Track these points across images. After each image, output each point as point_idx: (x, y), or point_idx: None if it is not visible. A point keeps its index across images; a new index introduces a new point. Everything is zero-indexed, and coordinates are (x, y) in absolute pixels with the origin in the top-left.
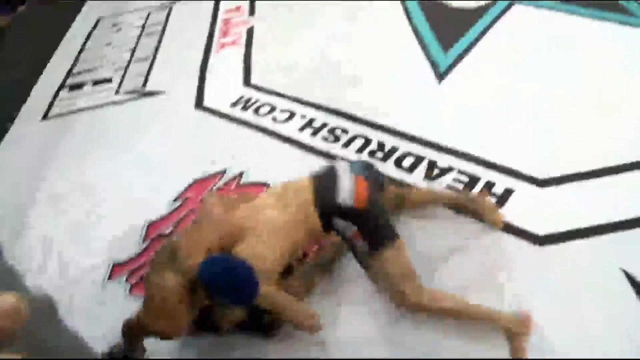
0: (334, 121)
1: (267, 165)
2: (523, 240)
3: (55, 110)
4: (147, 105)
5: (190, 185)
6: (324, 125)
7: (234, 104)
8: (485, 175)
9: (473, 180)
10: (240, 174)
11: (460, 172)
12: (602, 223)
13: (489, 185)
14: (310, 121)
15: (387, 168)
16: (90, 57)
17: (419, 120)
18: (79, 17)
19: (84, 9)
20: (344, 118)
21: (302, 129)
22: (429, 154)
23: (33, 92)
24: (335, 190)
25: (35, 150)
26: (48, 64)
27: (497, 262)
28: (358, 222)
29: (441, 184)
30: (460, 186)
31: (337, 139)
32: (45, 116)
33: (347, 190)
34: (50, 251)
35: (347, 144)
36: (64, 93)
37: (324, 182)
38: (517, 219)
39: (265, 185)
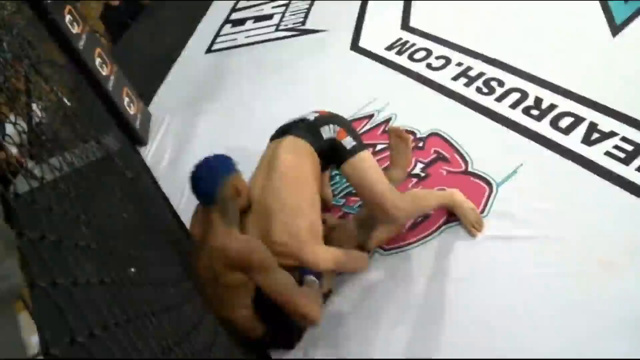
0: (491, 71)
1: (415, 112)
2: None
3: (218, 44)
4: (304, 43)
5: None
6: (480, 75)
7: (389, 47)
8: None
9: (638, 149)
10: (388, 120)
11: (624, 139)
12: None
13: None
14: (466, 70)
15: (541, 127)
16: None
17: (585, 78)
18: None
19: None
20: (502, 69)
21: (456, 78)
22: (591, 115)
23: (200, 27)
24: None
25: (200, 79)
26: (213, 2)
27: None
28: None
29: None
30: (621, 155)
31: (491, 91)
32: (209, 49)
33: (330, 133)
34: None
35: (500, 98)
36: (226, 28)
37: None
38: None
39: (410, 132)
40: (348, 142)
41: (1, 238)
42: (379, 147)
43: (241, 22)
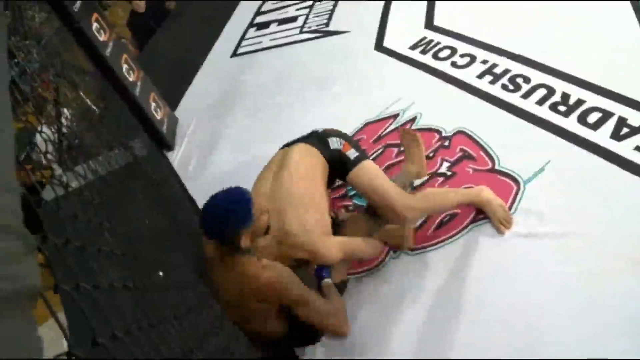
0: (517, 68)
1: (440, 111)
2: None
3: (243, 48)
4: (328, 44)
5: (362, 127)
6: (506, 72)
7: (414, 47)
8: None
9: None
10: (413, 119)
11: None
12: None
13: None
14: (492, 67)
15: (569, 123)
16: None
17: (613, 72)
18: None
19: None
20: (528, 65)
21: (481, 75)
22: (620, 109)
23: (225, 30)
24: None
25: (225, 83)
26: (238, 4)
27: None
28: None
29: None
30: None
31: (517, 87)
32: (234, 53)
33: (336, 144)
34: None
35: (527, 95)
36: (251, 32)
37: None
38: None
39: (436, 131)
40: (351, 153)
41: (19, 240)
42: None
43: (266, 25)
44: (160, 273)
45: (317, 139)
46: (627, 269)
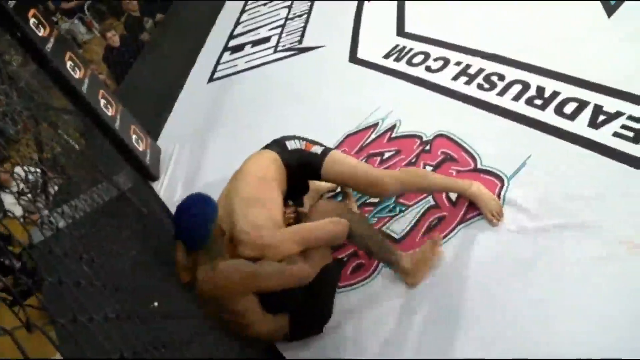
0: (490, 67)
1: (419, 116)
2: None
3: (219, 72)
4: (303, 61)
5: (343, 140)
6: (480, 71)
7: (387, 55)
8: None
9: None
10: (393, 127)
11: (631, 118)
12: None
13: None
14: (466, 68)
15: (546, 116)
16: (248, 18)
17: (585, 61)
18: None
19: None
20: (501, 62)
21: (456, 77)
22: (595, 97)
23: (200, 57)
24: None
25: (205, 108)
26: (211, 30)
27: None
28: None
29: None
30: (630, 134)
31: (493, 86)
32: (210, 79)
33: (296, 144)
34: None
35: (502, 92)
36: (226, 56)
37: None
38: None
39: (416, 137)
40: (316, 149)
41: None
42: (386, 155)
43: (240, 47)
44: (155, 303)
45: (275, 144)
46: (626, 254)
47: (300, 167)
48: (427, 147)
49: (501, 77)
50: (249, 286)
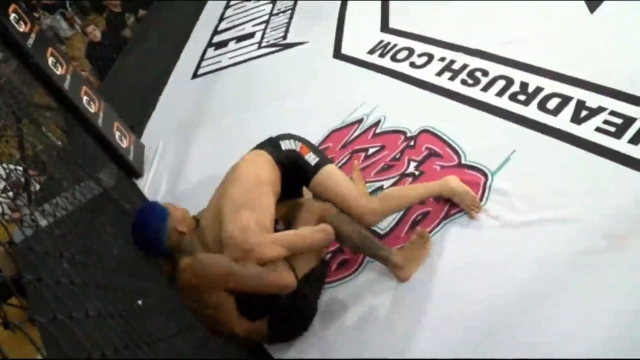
0: (474, 62)
1: (404, 112)
2: None
3: (203, 69)
4: (288, 57)
5: (328, 136)
6: (464, 67)
7: (372, 51)
8: None
9: (627, 122)
10: (377, 122)
11: (613, 113)
12: None
13: None
14: (450, 64)
15: (530, 112)
16: (232, 14)
17: (568, 57)
18: None
19: None
20: (485, 58)
21: (440, 73)
22: (578, 93)
23: (183, 53)
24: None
25: (189, 105)
26: (195, 26)
27: None
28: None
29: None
30: (612, 129)
31: (476, 81)
32: (195, 75)
33: (291, 145)
34: None
35: (486, 87)
36: (210, 52)
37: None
38: None
39: (401, 132)
40: (311, 158)
41: None
42: (370, 150)
43: (224, 44)
44: (139, 302)
45: (269, 143)
46: (609, 246)
47: (292, 172)
48: (412, 143)
49: (485, 73)
50: (225, 281)
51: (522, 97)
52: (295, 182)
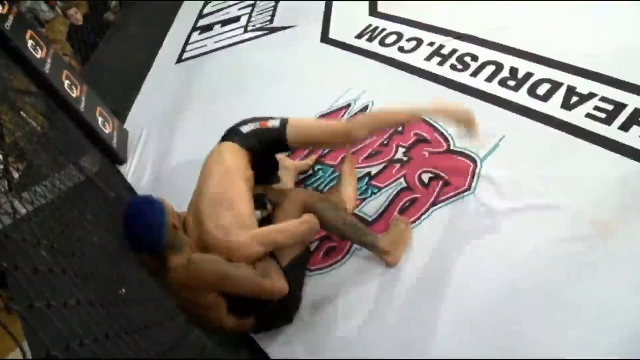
0: (464, 47)
1: (392, 97)
2: None
3: (188, 53)
4: (274, 41)
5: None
6: (453, 52)
7: (360, 35)
8: (634, 102)
9: (618, 107)
10: (365, 107)
11: (604, 99)
12: None
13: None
14: (439, 48)
15: (519, 97)
16: None
17: (557, 42)
18: None
19: None
20: (474, 43)
21: (429, 58)
22: (568, 79)
23: (167, 37)
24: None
25: (173, 90)
26: (179, 10)
27: None
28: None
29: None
30: (602, 115)
31: (466, 66)
32: (179, 59)
33: (251, 127)
34: None
35: (475, 73)
36: (195, 36)
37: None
38: None
39: None
40: (273, 123)
41: None
42: None
43: (209, 27)
44: (123, 290)
45: (230, 132)
46: (597, 234)
47: (265, 146)
48: (400, 128)
49: (474, 58)
50: (219, 284)
51: (511, 83)
52: (271, 157)
